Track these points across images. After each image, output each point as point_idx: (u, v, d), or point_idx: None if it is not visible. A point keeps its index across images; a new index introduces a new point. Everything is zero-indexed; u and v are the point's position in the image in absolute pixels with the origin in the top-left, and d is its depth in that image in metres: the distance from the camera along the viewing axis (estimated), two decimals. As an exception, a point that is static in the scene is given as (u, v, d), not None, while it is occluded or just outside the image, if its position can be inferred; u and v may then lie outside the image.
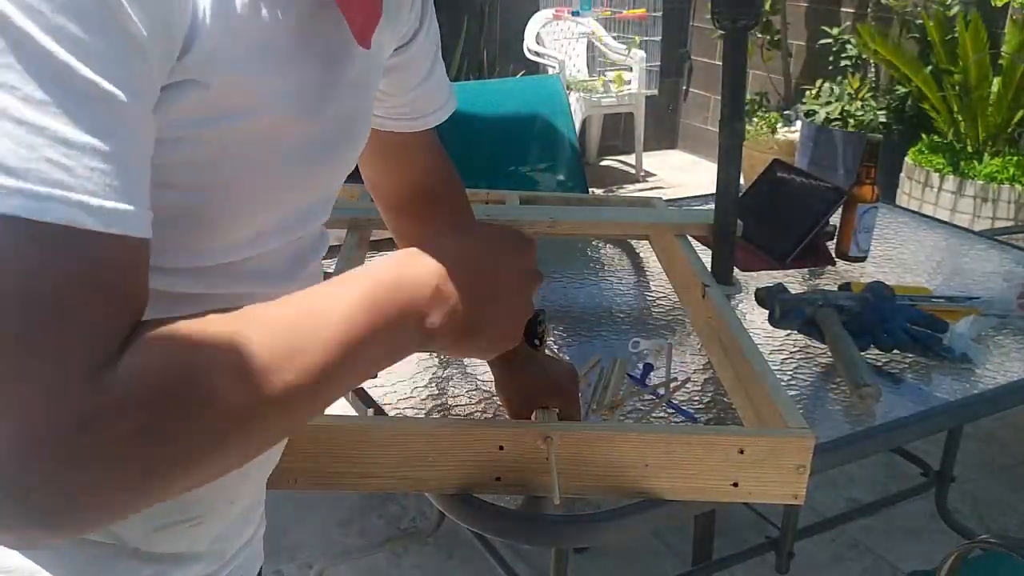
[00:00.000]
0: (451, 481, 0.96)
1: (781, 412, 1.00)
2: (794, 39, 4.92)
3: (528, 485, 0.97)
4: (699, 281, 1.32)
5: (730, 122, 1.46)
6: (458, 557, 2.14)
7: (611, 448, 0.95)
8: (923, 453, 2.20)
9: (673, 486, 0.97)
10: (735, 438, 0.96)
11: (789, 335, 1.41)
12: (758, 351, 1.13)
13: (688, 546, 2.03)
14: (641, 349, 1.33)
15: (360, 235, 1.51)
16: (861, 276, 1.68)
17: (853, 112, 4.27)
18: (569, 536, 1.01)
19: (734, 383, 1.16)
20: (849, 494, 2.35)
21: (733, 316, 1.22)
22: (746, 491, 0.97)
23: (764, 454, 0.95)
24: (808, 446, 0.95)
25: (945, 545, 1.37)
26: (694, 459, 0.95)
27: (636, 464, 0.96)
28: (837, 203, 1.72)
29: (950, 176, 3.78)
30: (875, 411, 1.20)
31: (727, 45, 1.45)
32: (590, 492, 0.98)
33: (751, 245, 1.75)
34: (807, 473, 0.96)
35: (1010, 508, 2.38)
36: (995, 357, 1.37)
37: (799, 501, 0.97)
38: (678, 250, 1.49)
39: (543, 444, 0.94)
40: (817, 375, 1.31)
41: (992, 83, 3.77)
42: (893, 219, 2.02)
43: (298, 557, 2.12)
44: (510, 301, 0.60)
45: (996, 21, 3.94)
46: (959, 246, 1.87)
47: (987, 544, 1.20)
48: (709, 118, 5.42)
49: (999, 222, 3.65)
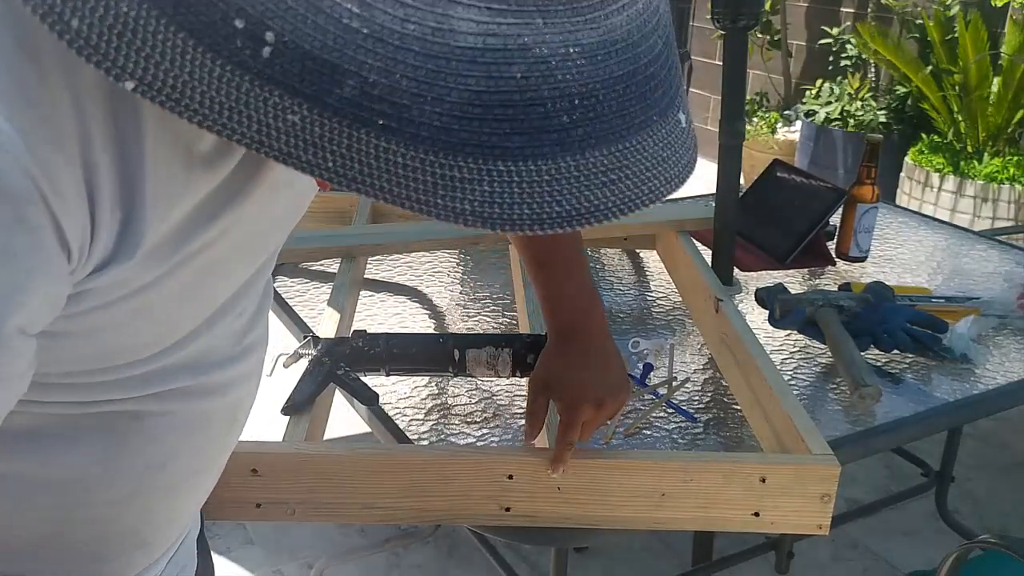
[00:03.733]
0: (458, 511, 0.93)
1: (804, 437, 0.97)
2: (794, 39, 4.92)
3: (539, 516, 0.94)
4: (712, 294, 1.31)
5: (730, 122, 1.46)
6: (458, 557, 2.14)
7: (625, 478, 0.92)
8: (923, 453, 2.20)
9: (691, 517, 0.94)
10: (756, 466, 0.92)
11: (789, 335, 1.41)
12: (776, 371, 1.11)
13: (688, 546, 2.03)
14: (641, 349, 1.33)
15: (356, 267, 1.45)
16: (861, 276, 1.68)
17: (853, 112, 4.27)
18: (569, 536, 1.01)
19: (751, 402, 1.14)
20: (849, 494, 2.35)
21: (749, 332, 1.20)
22: (768, 521, 0.93)
23: (787, 483, 0.92)
24: (833, 474, 0.91)
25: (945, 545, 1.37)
26: (713, 488, 0.92)
27: (652, 494, 0.93)
28: (837, 203, 1.72)
29: (950, 176, 3.78)
30: (875, 411, 1.20)
31: (727, 45, 1.45)
32: (603, 523, 0.95)
33: (751, 245, 1.75)
34: (832, 503, 0.92)
35: (1010, 508, 2.38)
36: (995, 357, 1.37)
37: (824, 532, 0.94)
38: (684, 256, 1.49)
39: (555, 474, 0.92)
40: (817, 375, 1.31)
41: (992, 83, 3.77)
42: (893, 219, 2.02)
43: (298, 557, 2.12)
44: None
45: (996, 21, 3.94)
46: (959, 246, 1.87)
47: (987, 544, 1.20)
48: (709, 118, 5.42)
49: (999, 222, 3.64)
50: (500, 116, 0.42)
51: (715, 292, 1.31)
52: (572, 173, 0.44)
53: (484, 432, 1.13)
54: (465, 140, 0.42)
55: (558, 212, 0.44)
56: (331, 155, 0.41)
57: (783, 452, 1.02)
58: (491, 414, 1.16)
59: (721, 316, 1.27)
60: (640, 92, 0.46)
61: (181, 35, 0.39)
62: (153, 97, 0.40)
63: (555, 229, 0.44)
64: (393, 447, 1.09)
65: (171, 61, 0.39)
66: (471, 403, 1.19)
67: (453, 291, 1.56)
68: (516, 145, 0.42)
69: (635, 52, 0.45)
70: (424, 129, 0.41)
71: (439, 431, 1.13)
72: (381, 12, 0.40)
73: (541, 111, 0.42)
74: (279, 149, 0.41)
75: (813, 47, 4.81)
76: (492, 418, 1.16)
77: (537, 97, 0.42)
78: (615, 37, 0.44)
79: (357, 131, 0.41)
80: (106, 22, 0.39)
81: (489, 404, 1.18)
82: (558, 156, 0.43)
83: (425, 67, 0.40)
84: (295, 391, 1.05)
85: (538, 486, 0.92)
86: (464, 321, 1.44)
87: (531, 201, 0.43)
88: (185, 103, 0.40)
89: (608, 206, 0.45)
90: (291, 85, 0.40)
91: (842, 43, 4.52)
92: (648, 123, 0.46)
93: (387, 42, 0.40)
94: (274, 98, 0.40)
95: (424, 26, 0.40)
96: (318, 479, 0.92)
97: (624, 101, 0.45)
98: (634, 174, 0.46)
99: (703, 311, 1.37)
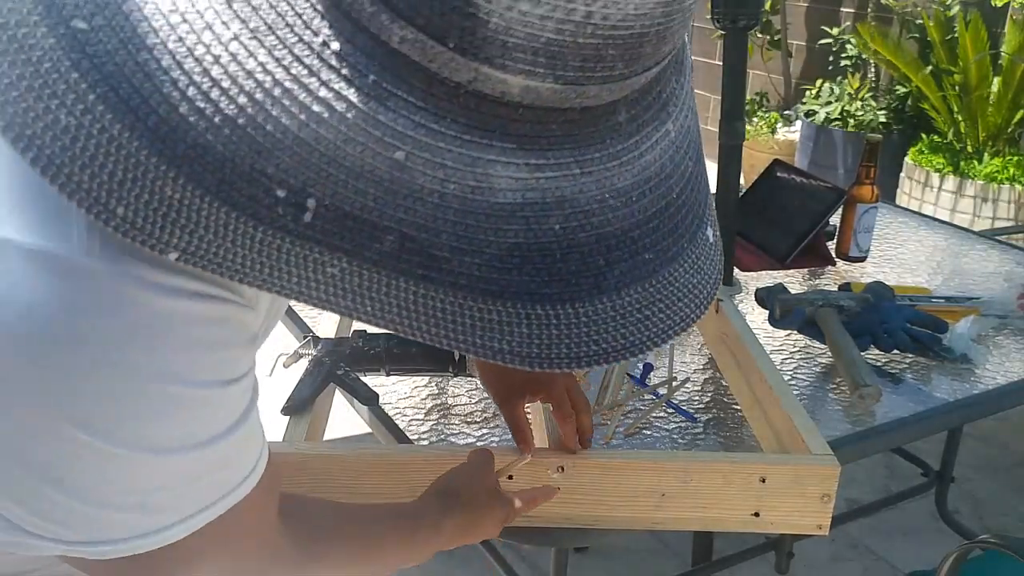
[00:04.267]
0: None
1: (804, 437, 0.97)
2: (794, 39, 4.92)
3: (539, 516, 0.94)
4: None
5: (730, 122, 1.46)
6: (458, 557, 2.14)
7: (625, 478, 0.92)
8: (923, 453, 2.20)
9: (691, 517, 0.94)
10: (756, 466, 0.92)
11: (789, 335, 1.41)
12: (776, 371, 1.11)
13: (688, 546, 2.03)
14: (641, 349, 1.33)
15: None
16: (861, 276, 1.68)
17: (853, 112, 4.27)
18: (569, 536, 1.01)
19: (751, 402, 1.14)
20: (849, 494, 2.34)
21: (749, 332, 1.20)
22: (767, 521, 0.93)
23: (787, 483, 0.92)
24: (833, 474, 0.91)
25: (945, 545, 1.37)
26: (713, 488, 0.92)
27: (652, 494, 0.93)
28: (837, 203, 1.72)
29: (950, 176, 3.78)
30: (875, 411, 1.20)
31: (727, 45, 1.45)
32: (603, 523, 0.95)
33: (751, 245, 1.75)
34: (832, 502, 0.92)
35: (1010, 508, 2.38)
36: (995, 357, 1.37)
37: (824, 532, 0.94)
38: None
39: (555, 474, 0.92)
40: (817, 375, 1.31)
41: (992, 83, 3.77)
42: (893, 219, 2.02)
43: (298, 557, 2.12)
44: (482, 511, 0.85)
45: (996, 21, 3.94)
46: (959, 246, 1.87)
47: (987, 544, 1.20)
48: (709, 118, 5.42)
49: (999, 222, 3.64)
50: (539, 265, 0.42)
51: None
52: (608, 313, 0.45)
53: (484, 432, 1.13)
54: (504, 287, 0.42)
55: (595, 351, 0.45)
56: (370, 302, 0.42)
57: (783, 452, 1.02)
58: (491, 414, 1.16)
59: (721, 316, 1.27)
60: (673, 224, 0.46)
61: (224, 209, 0.40)
62: (196, 263, 0.41)
63: (592, 365, 0.45)
64: (393, 447, 1.09)
65: (214, 233, 0.40)
66: (471, 403, 1.19)
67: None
68: (554, 291, 0.43)
69: (668, 184, 0.46)
70: (463, 278, 0.42)
71: (439, 431, 1.13)
72: (420, 174, 0.40)
73: (578, 257, 0.43)
74: (318, 298, 0.42)
75: (813, 47, 4.81)
76: (492, 418, 1.15)
77: (574, 244, 0.43)
78: (649, 175, 0.45)
79: (396, 280, 0.42)
80: (151, 206, 0.39)
81: (489, 404, 1.18)
82: (595, 298, 0.44)
83: (464, 223, 0.41)
84: (295, 391, 1.05)
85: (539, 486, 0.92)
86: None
87: (568, 342, 0.44)
88: (227, 265, 0.41)
89: (642, 340, 0.46)
90: (331, 243, 0.41)
91: (842, 43, 4.52)
92: (680, 252, 0.47)
93: (426, 200, 0.40)
94: (314, 255, 0.41)
95: (463, 185, 0.41)
96: (318, 479, 0.92)
97: (657, 236, 0.46)
98: (666, 306, 0.47)
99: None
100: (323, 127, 0.39)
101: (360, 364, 1.12)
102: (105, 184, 0.39)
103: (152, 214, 0.40)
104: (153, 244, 0.40)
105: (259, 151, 0.39)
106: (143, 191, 0.39)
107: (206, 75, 0.39)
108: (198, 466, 0.49)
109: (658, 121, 0.46)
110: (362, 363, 1.12)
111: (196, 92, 0.39)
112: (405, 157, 0.40)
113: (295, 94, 0.39)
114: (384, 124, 0.39)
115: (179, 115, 0.39)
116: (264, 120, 0.39)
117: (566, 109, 0.41)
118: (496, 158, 0.41)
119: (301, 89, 0.39)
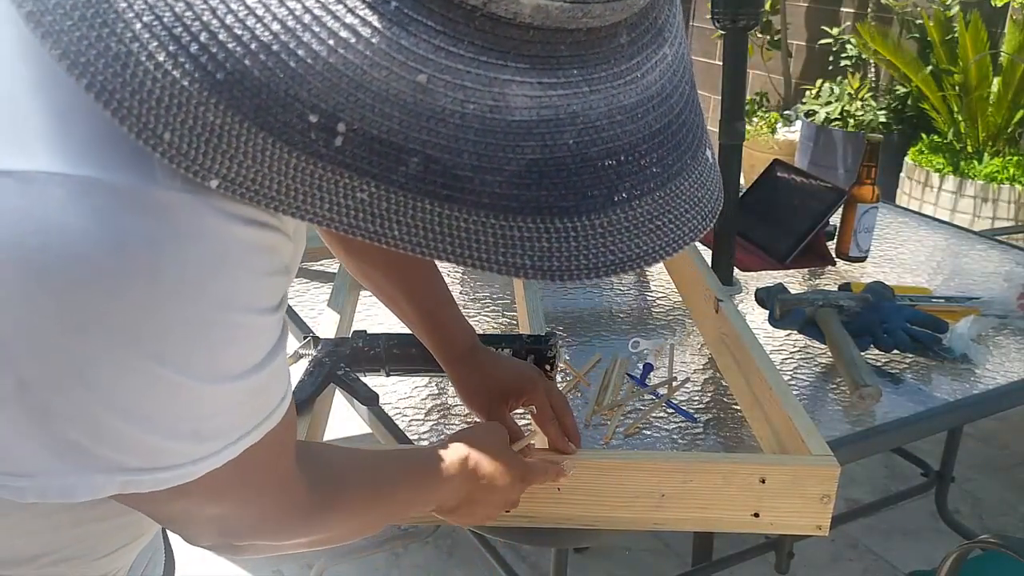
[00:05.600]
0: None
1: (803, 437, 0.97)
2: (794, 39, 4.92)
3: (538, 516, 0.94)
4: (712, 294, 1.31)
5: (730, 122, 1.46)
6: (458, 557, 2.14)
7: (625, 478, 0.92)
8: (923, 453, 2.20)
9: (691, 517, 0.94)
10: (756, 466, 0.92)
11: (789, 335, 1.41)
12: (776, 371, 1.11)
13: (688, 546, 2.03)
14: (641, 349, 1.34)
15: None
16: (861, 276, 1.68)
17: (853, 112, 4.27)
18: (569, 536, 1.01)
19: (751, 402, 1.14)
20: (849, 494, 2.35)
21: (749, 332, 1.20)
22: (767, 522, 0.93)
23: (787, 483, 0.92)
24: (833, 474, 0.91)
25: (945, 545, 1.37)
26: (713, 488, 0.92)
27: (652, 494, 0.92)
28: (837, 203, 1.72)
29: (950, 176, 3.78)
30: (875, 411, 1.20)
31: (727, 45, 1.45)
32: (603, 524, 0.95)
33: (751, 245, 1.75)
34: (832, 503, 0.92)
35: (1010, 508, 2.38)
36: (995, 357, 1.37)
37: (823, 532, 0.93)
38: (684, 256, 1.48)
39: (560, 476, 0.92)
40: (817, 375, 1.31)
41: (992, 83, 3.77)
42: (893, 219, 2.02)
43: (298, 557, 2.12)
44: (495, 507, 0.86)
45: (996, 21, 3.94)
46: (959, 246, 1.87)
47: (987, 544, 1.20)
48: (709, 118, 5.41)
49: (999, 222, 3.64)
50: (555, 179, 0.45)
51: (715, 292, 1.31)
52: (623, 223, 0.47)
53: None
54: (524, 203, 0.45)
55: (611, 260, 0.47)
56: (397, 225, 0.45)
57: (783, 452, 1.02)
58: (491, 414, 1.16)
59: (721, 316, 1.27)
60: (676, 140, 0.49)
61: (262, 135, 0.42)
62: (235, 191, 0.44)
63: (610, 275, 0.48)
64: (393, 447, 1.08)
65: (253, 158, 0.43)
66: (471, 403, 1.19)
67: (453, 291, 1.55)
68: (571, 204, 0.46)
69: (669, 104, 0.49)
70: (485, 196, 0.44)
71: (439, 431, 1.13)
72: (442, 95, 0.43)
73: (591, 171, 0.46)
74: (348, 224, 0.45)
75: (813, 47, 4.81)
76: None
77: (587, 159, 0.45)
78: (651, 93, 0.48)
79: (421, 202, 0.44)
80: (195, 131, 0.42)
81: (489, 404, 1.18)
82: (608, 210, 0.47)
83: (485, 141, 0.43)
84: (295, 391, 1.05)
85: (538, 486, 0.92)
86: (464, 321, 1.43)
87: (587, 252, 0.47)
88: (264, 192, 0.44)
89: (656, 248, 0.49)
90: (360, 167, 0.43)
91: (842, 43, 4.52)
92: (684, 167, 0.50)
93: (448, 122, 0.43)
94: (344, 179, 0.43)
95: (482, 105, 0.43)
96: None
97: (663, 151, 0.49)
98: (676, 216, 0.50)
99: (703, 311, 1.37)
100: (350, 52, 0.41)
101: (360, 364, 1.12)
102: (153, 110, 0.42)
103: (196, 139, 0.42)
104: (196, 170, 0.43)
105: (292, 76, 0.41)
106: (187, 116, 0.42)
107: (242, 3, 0.41)
108: (246, 392, 0.52)
109: (656, 44, 0.49)
110: (362, 363, 1.12)
111: (234, 20, 0.41)
112: (427, 80, 0.42)
113: (324, 21, 0.41)
114: (407, 48, 0.42)
115: (218, 42, 0.41)
116: (296, 46, 0.41)
117: (573, 30, 0.44)
118: (511, 78, 0.43)
119: (329, 16, 0.41)
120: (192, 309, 0.46)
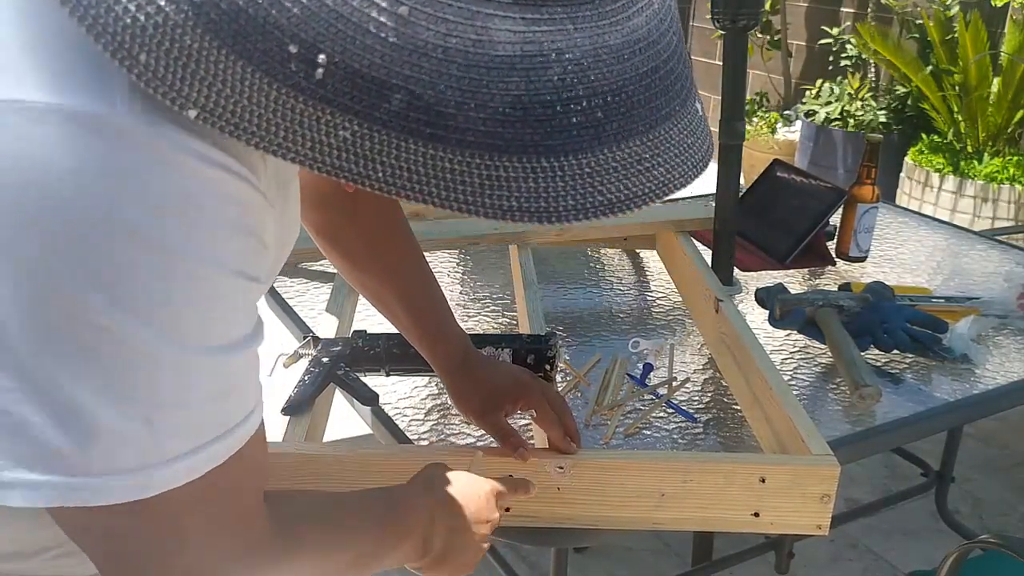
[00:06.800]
0: None
1: (803, 437, 0.97)
2: (794, 39, 4.92)
3: (539, 516, 0.94)
4: (712, 294, 1.31)
5: (730, 122, 1.46)
6: (458, 557, 2.14)
7: (625, 478, 0.92)
8: (923, 453, 2.20)
9: (691, 517, 0.94)
10: (756, 466, 0.92)
11: (789, 335, 1.41)
12: (776, 371, 1.11)
13: (688, 546, 2.03)
14: (641, 349, 1.34)
15: None
16: (861, 276, 1.68)
17: (853, 112, 4.27)
18: (569, 536, 1.01)
19: (751, 402, 1.14)
20: (849, 494, 2.34)
21: (749, 332, 1.20)
22: (767, 522, 0.93)
23: (787, 483, 0.92)
24: (833, 474, 0.91)
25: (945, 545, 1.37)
26: (713, 488, 0.92)
27: (652, 494, 0.92)
28: (837, 203, 1.72)
29: (950, 176, 3.78)
30: (875, 411, 1.20)
31: (727, 45, 1.45)
32: (603, 524, 0.95)
33: (751, 245, 1.75)
34: (832, 503, 0.92)
35: (1010, 508, 2.38)
36: (995, 357, 1.37)
37: (823, 532, 0.94)
38: (684, 256, 1.48)
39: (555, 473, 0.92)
40: (817, 375, 1.31)
41: (992, 83, 3.77)
42: (893, 219, 2.02)
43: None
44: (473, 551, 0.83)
45: (996, 21, 3.94)
46: (959, 246, 1.87)
47: (987, 544, 1.20)
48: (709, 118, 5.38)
49: (999, 222, 3.64)
50: (540, 117, 0.44)
51: (715, 292, 1.31)
52: (611, 164, 0.47)
53: (484, 432, 1.12)
54: (509, 141, 0.44)
55: (600, 201, 0.47)
56: (381, 166, 0.44)
57: (783, 452, 1.02)
58: (491, 414, 1.16)
59: (721, 316, 1.27)
60: (663, 85, 0.49)
61: (240, 63, 0.42)
62: (214, 123, 0.43)
63: (599, 217, 0.47)
64: (393, 447, 1.08)
65: (231, 88, 0.42)
66: (471, 403, 1.19)
67: (453, 291, 1.56)
68: (557, 142, 0.45)
69: (656, 49, 0.48)
70: (470, 134, 0.43)
71: (439, 431, 1.13)
72: (424, 28, 0.42)
73: (577, 110, 0.45)
74: (331, 164, 0.44)
75: (813, 47, 4.81)
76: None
77: (573, 97, 0.45)
78: (637, 36, 0.47)
79: (405, 141, 0.43)
80: (171, 55, 0.41)
81: (489, 404, 1.18)
82: (596, 149, 0.46)
83: (468, 76, 0.43)
84: (295, 391, 1.05)
85: (539, 486, 0.92)
86: (464, 321, 1.44)
87: (575, 193, 0.46)
88: (244, 127, 0.43)
89: (645, 191, 0.48)
90: (342, 103, 0.42)
91: (842, 43, 4.52)
92: (672, 113, 0.49)
93: (431, 56, 0.42)
94: (327, 116, 0.43)
95: (465, 39, 0.42)
96: (318, 479, 0.92)
97: (651, 94, 0.48)
98: (665, 160, 0.49)
99: (703, 311, 1.37)
100: None
101: (360, 364, 1.12)
102: (128, 28, 0.41)
103: (172, 63, 0.42)
104: (174, 97, 0.42)
105: (271, 2, 0.41)
106: (164, 38, 0.41)
107: None
108: (209, 377, 0.49)
109: None
110: (362, 363, 1.12)
111: None
112: (408, 12, 0.42)
113: None
114: None
115: None
116: None
117: None
118: (494, 12, 0.43)
119: None
120: (150, 248, 0.44)
